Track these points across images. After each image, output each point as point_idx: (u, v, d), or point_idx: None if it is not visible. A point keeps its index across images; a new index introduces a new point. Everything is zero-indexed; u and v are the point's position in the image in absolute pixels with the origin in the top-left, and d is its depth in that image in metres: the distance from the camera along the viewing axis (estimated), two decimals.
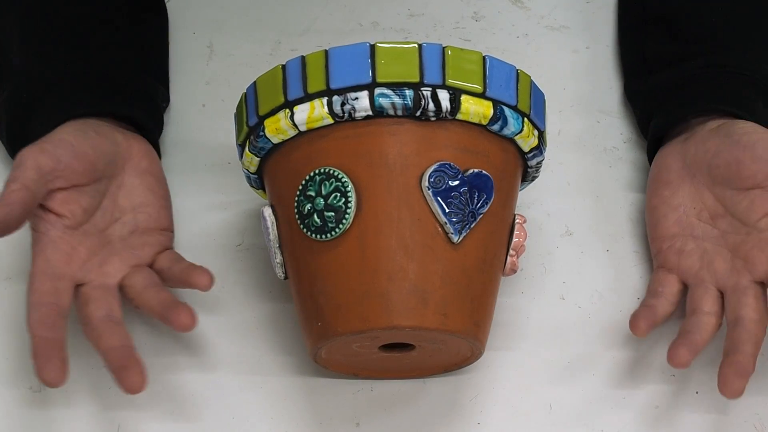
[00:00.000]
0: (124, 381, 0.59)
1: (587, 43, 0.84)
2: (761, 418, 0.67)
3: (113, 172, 0.67)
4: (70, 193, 0.64)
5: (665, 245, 0.69)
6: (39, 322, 0.60)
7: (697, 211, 0.69)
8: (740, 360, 0.61)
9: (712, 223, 0.68)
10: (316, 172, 0.61)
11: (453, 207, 0.60)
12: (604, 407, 0.67)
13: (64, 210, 0.64)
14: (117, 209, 0.67)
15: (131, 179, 0.68)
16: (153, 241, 0.68)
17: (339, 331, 0.59)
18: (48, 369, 0.58)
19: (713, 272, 0.67)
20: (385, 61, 0.60)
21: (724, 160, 0.67)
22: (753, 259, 0.65)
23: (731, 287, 0.65)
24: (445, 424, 0.66)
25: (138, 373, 0.59)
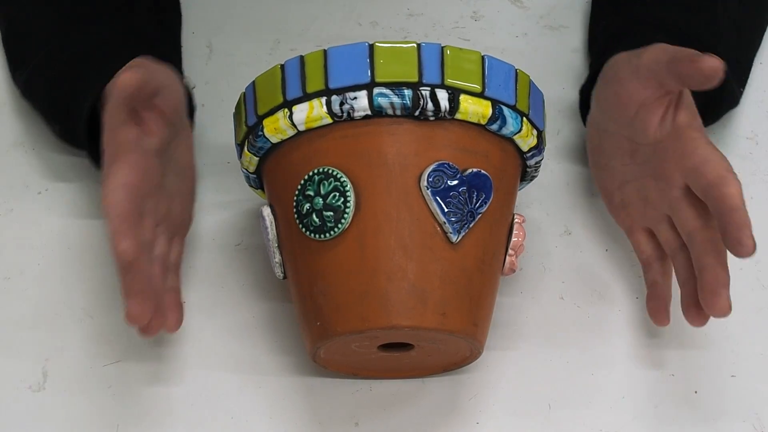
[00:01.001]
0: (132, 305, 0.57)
1: (587, 43, 0.84)
2: (761, 418, 0.67)
3: (179, 129, 0.67)
4: (161, 118, 0.64)
5: (611, 208, 0.71)
6: (128, 201, 0.58)
7: (620, 159, 0.69)
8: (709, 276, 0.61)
9: (632, 161, 0.68)
10: (315, 172, 0.61)
11: (452, 207, 0.60)
12: (604, 407, 0.67)
13: (156, 129, 0.63)
14: (170, 164, 0.67)
15: (182, 147, 0.68)
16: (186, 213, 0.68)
17: (338, 331, 0.59)
18: (130, 238, 0.56)
19: (654, 206, 0.67)
20: (384, 60, 0.60)
21: (608, 101, 0.68)
22: (667, 172, 0.65)
23: (670, 210, 0.66)
24: (445, 424, 0.66)
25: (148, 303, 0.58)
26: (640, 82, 0.65)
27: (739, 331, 0.70)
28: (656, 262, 0.69)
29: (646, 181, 0.68)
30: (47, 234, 0.73)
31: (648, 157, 0.67)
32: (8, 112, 0.79)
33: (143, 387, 0.67)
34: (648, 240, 0.69)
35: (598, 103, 0.69)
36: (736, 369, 0.68)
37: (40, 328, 0.69)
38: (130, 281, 0.58)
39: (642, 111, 0.65)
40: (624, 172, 0.69)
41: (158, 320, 0.61)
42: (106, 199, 0.58)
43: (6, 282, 0.71)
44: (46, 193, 0.75)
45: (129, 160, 0.60)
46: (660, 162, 0.66)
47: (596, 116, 0.70)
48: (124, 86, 0.60)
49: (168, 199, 0.66)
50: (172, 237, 0.67)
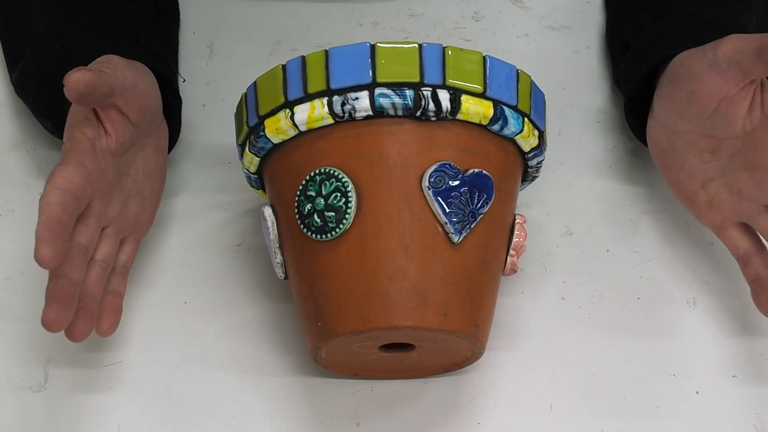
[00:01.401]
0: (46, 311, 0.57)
1: (587, 43, 0.84)
2: (761, 418, 0.67)
3: (149, 130, 0.67)
4: (122, 119, 0.63)
5: (695, 208, 0.70)
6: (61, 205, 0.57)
7: (698, 157, 0.69)
8: None
9: (714, 157, 0.68)
10: (317, 172, 0.61)
11: (453, 207, 0.60)
12: (604, 407, 0.67)
13: (113, 131, 0.63)
14: (133, 165, 0.67)
15: (150, 148, 0.68)
16: (144, 215, 0.67)
17: (339, 331, 0.59)
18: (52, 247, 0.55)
19: (750, 198, 0.67)
20: (386, 61, 0.60)
21: (680, 100, 0.67)
22: (764, 161, 0.65)
23: None
24: (445, 424, 0.66)
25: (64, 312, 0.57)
26: (720, 74, 0.64)
27: (741, 331, 0.70)
28: (756, 255, 0.68)
29: (737, 174, 0.67)
30: None
31: (736, 151, 0.66)
32: (8, 112, 0.79)
33: (144, 387, 0.67)
34: (743, 235, 0.68)
35: (667, 104, 0.68)
36: (737, 369, 0.68)
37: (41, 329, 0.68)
38: (51, 287, 0.58)
39: (724, 105, 0.65)
40: (705, 170, 0.68)
41: (86, 325, 0.60)
42: (42, 199, 0.58)
43: (7, 282, 0.71)
44: None
45: (77, 161, 0.60)
46: (753, 152, 0.65)
47: (663, 118, 0.69)
48: (72, 86, 0.58)
49: (123, 200, 0.66)
50: (124, 239, 0.67)
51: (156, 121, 0.68)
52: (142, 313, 0.69)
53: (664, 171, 0.71)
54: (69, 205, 0.58)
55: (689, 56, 0.67)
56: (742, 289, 0.71)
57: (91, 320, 0.61)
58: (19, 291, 0.71)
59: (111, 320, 0.63)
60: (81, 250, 0.61)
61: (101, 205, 0.63)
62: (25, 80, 0.72)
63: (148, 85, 0.66)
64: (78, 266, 0.60)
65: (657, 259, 0.73)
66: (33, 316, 0.69)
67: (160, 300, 0.70)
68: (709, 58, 0.64)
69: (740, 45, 0.63)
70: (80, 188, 0.59)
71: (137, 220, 0.67)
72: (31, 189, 0.75)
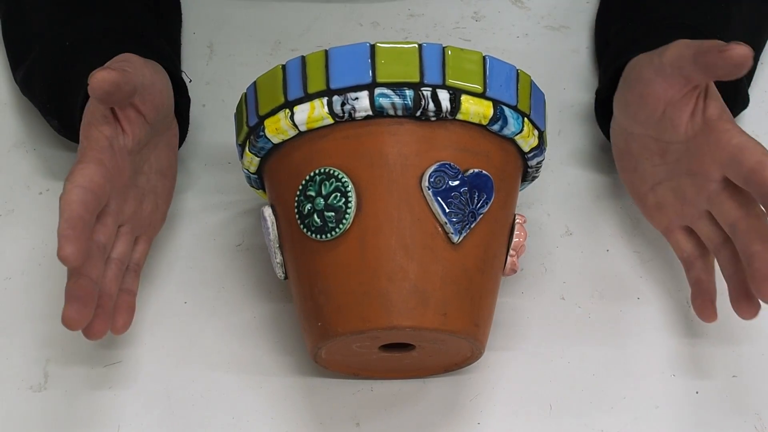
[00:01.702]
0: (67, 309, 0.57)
1: (587, 43, 0.84)
2: (761, 418, 0.67)
3: (162, 129, 0.67)
4: (139, 118, 0.63)
5: (645, 210, 0.70)
6: (82, 203, 0.57)
7: (649, 160, 0.69)
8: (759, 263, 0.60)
9: (662, 161, 0.68)
10: (316, 172, 0.61)
11: (453, 207, 0.60)
12: (604, 407, 0.67)
13: (130, 129, 0.63)
14: (147, 164, 0.67)
15: (163, 146, 0.68)
16: (157, 213, 0.68)
17: (339, 331, 0.59)
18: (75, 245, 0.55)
19: (692, 203, 0.67)
20: (385, 61, 0.60)
21: (632, 103, 0.67)
22: (703, 167, 0.65)
23: (710, 205, 0.65)
24: (445, 424, 0.66)
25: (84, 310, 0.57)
26: (665, 79, 0.64)
27: (741, 331, 0.70)
28: (698, 259, 0.68)
29: (681, 179, 0.67)
30: (48, 234, 0.73)
31: (680, 155, 0.67)
32: (9, 112, 0.79)
33: (144, 387, 0.67)
34: (687, 238, 0.69)
35: (622, 107, 0.69)
36: (737, 369, 0.68)
37: (41, 329, 0.69)
38: (72, 285, 0.58)
39: (670, 109, 0.65)
40: (655, 173, 0.69)
41: (104, 323, 0.60)
42: (63, 197, 0.58)
43: (7, 282, 0.71)
44: (47, 194, 0.75)
45: (96, 159, 0.60)
46: (694, 158, 0.65)
47: (620, 120, 0.70)
48: (96, 86, 0.58)
49: (138, 198, 0.66)
50: (138, 237, 0.67)
51: (168, 120, 0.68)
52: (142, 313, 0.69)
53: (621, 171, 0.72)
54: (90, 204, 0.58)
55: (640, 60, 0.67)
56: None
57: (107, 319, 0.61)
58: (19, 291, 0.71)
59: (125, 318, 0.64)
60: (100, 248, 0.61)
61: (118, 203, 0.63)
62: (31, 79, 0.72)
63: (164, 84, 0.66)
64: (97, 265, 0.60)
65: (657, 259, 0.73)
66: (33, 315, 0.70)
67: (160, 300, 0.70)
68: (655, 63, 0.65)
69: (681, 50, 0.63)
70: (100, 186, 0.59)
71: (151, 219, 0.68)
72: (31, 189, 0.75)
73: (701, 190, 0.65)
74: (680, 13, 0.73)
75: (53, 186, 0.75)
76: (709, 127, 0.64)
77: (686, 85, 0.64)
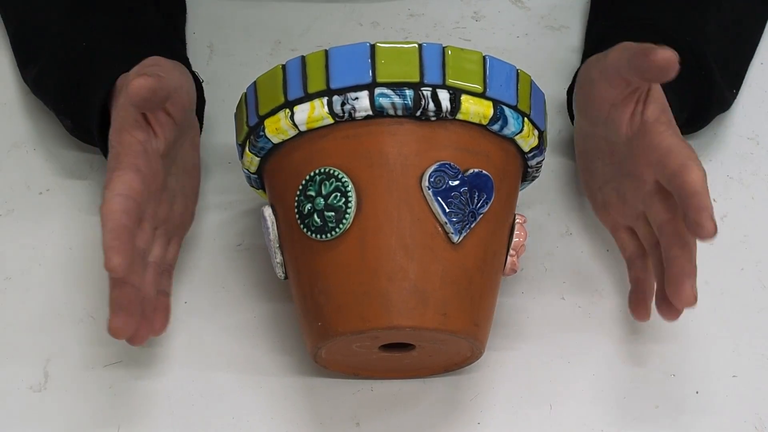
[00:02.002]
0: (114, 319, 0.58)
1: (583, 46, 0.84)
2: (761, 418, 0.67)
3: (187, 128, 0.67)
4: (168, 120, 0.63)
5: (595, 209, 0.71)
6: (124, 212, 0.58)
7: (601, 160, 0.69)
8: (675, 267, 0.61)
9: (610, 161, 0.68)
10: (316, 172, 0.61)
11: (453, 207, 0.60)
12: (604, 407, 0.67)
13: (161, 132, 0.63)
14: (175, 164, 0.67)
15: (188, 145, 0.68)
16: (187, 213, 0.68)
17: (339, 331, 0.59)
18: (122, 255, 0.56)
19: (630, 204, 0.67)
20: (386, 61, 0.60)
21: (582, 102, 0.68)
22: (638, 169, 0.65)
23: (644, 207, 0.66)
24: (446, 424, 0.66)
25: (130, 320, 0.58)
26: (608, 81, 0.64)
27: (741, 331, 0.70)
28: (638, 259, 0.68)
29: (622, 179, 0.68)
30: (48, 234, 0.73)
31: (622, 156, 0.67)
32: (9, 112, 0.79)
33: (144, 387, 0.67)
34: (630, 238, 0.69)
35: (577, 107, 0.70)
36: (737, 369, 0.68)
37: (41, 328, 0.69)
38: (117, 295, 0.58)
39: (612, 110, 0.65)
40: (604, 173, 0.69)
41: (147, 328, 0.61)
42: (105, 206, 0.58)
43: (7, 282, 0.71)
44: (48, 194, 0.75)
45: (133, 166, 0.60)
46: (632, 159, 0.66)
47: (578, 119, 0.71)
48: (135, 93, 0.59)
49: (170, 200, 0.66)
50: (171, 238, 0.67)
51: (192, 119, 0.68)
52: None
53: (580, 170, 0.72)
54: (132, 212, 0.58)
55: (591, 61, 0.67)
56: (741, 289, 0.71)
57: (149, 323, 0.62)
58: (19, 291, 0.71)
59: (163, 319, 0.65)
60: (140, 255, 0.62)
61: (153, 207, 0.64)
62: (44, 79, 0.72)
63: (189, 85, 0.67)
64: (139, 272, 0.61)
65: None
66: (33, 315, 0.69)
67: None
68: (600, 65, 0.65)
69: (621, 53, 0.63)
70: (140, 193, 0.59)
71: (182, 219, 0.68)
72: (31, 189, 0.75)
73: (637, 191, 0.66)
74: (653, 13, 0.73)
75: (53, 186, 0.75)
76: (645, 129, 0.64)
77: (627, 87, 0.64)
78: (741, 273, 0.72)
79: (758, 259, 0.73)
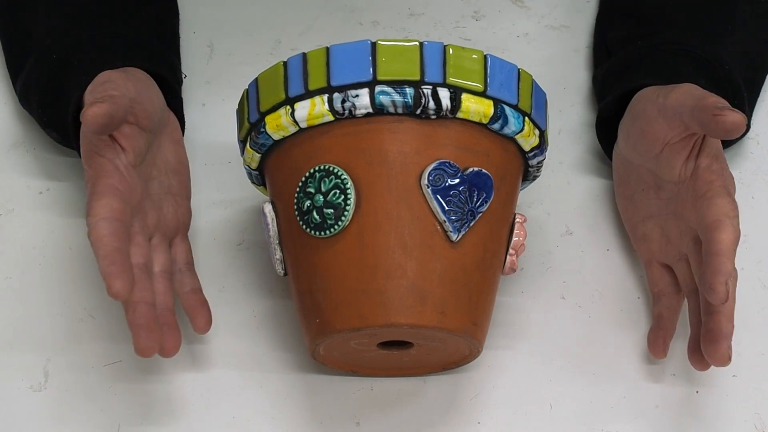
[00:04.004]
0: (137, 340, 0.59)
1: (587, 43, 0.84)
2: (761, 418, 0.67)
3: (159, 129, 0.67)
4: (134, 130, 0.63)
5: (634, 240, 0.71)
6: (113, 235, 0.58)
7: (645, 192, 0.69)
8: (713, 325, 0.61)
9: (656, 195, 0.69)
10: (316, 169, 0.61)
11: (452, 205, 0.60)
12: (604, 407, 0.67)
13: (128, 145, 0.63)
14: (155, 167, 0.67)
15: (167, 144, 0.68)
16: (181, 211, 0.68)
17: (337, 328, 0.59)
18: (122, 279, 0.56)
19: (674, 244, 0.67)
20: (386, 58, 0.60)
21: (633, 135, 0.68)
22: (686, 212, 0.65)
23: (688, 250, 0.66)
24: (446, 424, 0.66)
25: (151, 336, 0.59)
26: (666, 121, 0.65)
27: (741, 331, 0.69)
28: (666, 296, 0.69)
29: (669, 218, 0.68)
30: (48, 234, 0.73)
31: (672, 195, 0.67)
32: (9, 112, 0.78)
33: (144, 386, 0.67)
34: (663, 275, 0.69)
35: (625, 137, 0.70)
36: (737, 369, 0.68)
37: (41, 328, 0.69)
38: (132, 316, 0.59)
39: (668, 150, 0.66)
40: (649, 206, 0.69)
41: (174, 338, 0.62)
42: (92, 233, 0.58)
43: (7, 281, 0.71)
44: (47, 193, 0.75)
45: (108, 186, 0.60)
46: (681, 202, 0.66)
47: (623, 148, 0.71)
48: (91, 122, 0.59)
49: (156, 206, 0.66)
50: (172, 240, 0.67)
51: (164, 118, 0.68)
52: None
53: (618, 197, 0.73)
54: (119, 232, 0.59)
55: (646, 95, 0.68)
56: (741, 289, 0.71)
57: (175, 331, 0.62)
58: (19, 291, 0.71)
59: (205, 315, 0.66)
60: (142, 270, 0.62)
61: (140, 219, 0.64)
62: (28, 92, 0.72)
63: (150, 89, 0.66)
64: (147, 287, 0.61)
65: None
66: (33, 315, 0.69)
67: None
68: (659, 103, 0.65)
69: (684, 98, 0.64)
70: (122, 212, 0.60)
71: (176, 219, 0.68)
72: (31, 189, 0.75)
73: (684, 234, 0.66)
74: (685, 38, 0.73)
75: (53, 186, 0.75)
76: (696, 175, 0.64)
77: (685, 131, 0.64)
78: (741, 273, 0.72)
79: (758, 259, 0.73)
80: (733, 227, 0.61)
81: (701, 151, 0.65)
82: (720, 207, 0.62)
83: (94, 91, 0.63)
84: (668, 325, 0.68)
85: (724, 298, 0.59)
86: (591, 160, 0.77)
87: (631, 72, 0.72)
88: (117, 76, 0.64)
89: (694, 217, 0.64)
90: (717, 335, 0.61)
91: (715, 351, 0.61)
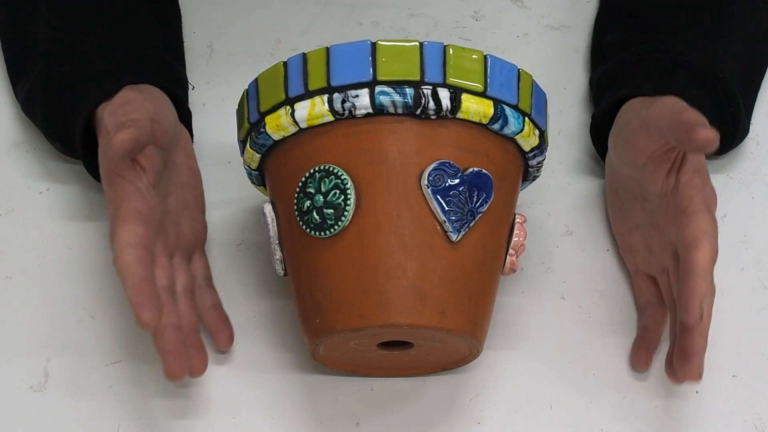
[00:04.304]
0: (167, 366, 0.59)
1: (587, 43, 0.84)
2: (761, 418, 0.67)
3: (173, 145, 0.67)
4: (152, 150, 0.63)
5: (621, 249, 0.71)
6: (139, 263, 0.58)
7: (632, 203, 0.70)
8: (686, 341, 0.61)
9: (642, 207, 0.69)
10: (316, 170, 0.61)
11: (452, 206, 0.60)
12: (604, 407, 0.67)
13: (148, 165, 0.63)
14: (171, 183, 0.67)
15: (180, 158, 0.68)
16: (197, 226, 0.68)
17: (337, 329, 0.59)
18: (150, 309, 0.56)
19: (656, 256, 0.68)
20: (386, 59, 0.60)
21: (620, 146, 0.68)
22: (666, 226, 0.65)
23: (668, 263, 0.66)
24: (446, 424, 0.66)
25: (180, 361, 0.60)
26: (647, 134, 0.65)
27: (741, 330, 0.70)
28: (651, 308, 0.69)
29: (651, 230, 0.68)
30: (48, 234, 0.73)
31: (655, 207, 0.67)
32: (9, 113, 0.78)
33: (144, 387, 0.67)
34: (648, 286, 0.69)
35: (614, 146, 0.70)
36: (737, 369, 0.68)
37: (41, 328, 0.69)
38: (160, 342, 0.60)
39: (650, 162, 0.65)
40: (635, 217, 0.69)
41: (201, 358, 0.63)
42: (118, 260, 0.58)
43: (7, 282, 0.71)
44: (48, 194, 0.75)
45: (132, 211, 0.60)
46: (663, 215, 0.66)
47: (612, 157, 0.71)
48: (119, 149, 0.58)
49: (175, 223, 0.67)
50: (191, 256, 0.68)
51: (177, 133, 0.68)
52: None
53: (609, 206, 0.73)
54: (145, 259, 0.58)
55: (632, 107, 0.68)
56: (740, 289, 0.71)
57: (202, 352, 0.63)
58: (19, 291, 0.71)
59: (227, 331, 0.67)
60: (167, 292, 0.62)
61: (162, 239, 0.64)
62: (32, 104, 0.72)
63: (165, 107, 0.66)
64: (172, 310, 0.61)
65: None
66: (33, 315, 0.69)
67: None
68: (642, 115, 0.65)
69: (663, 112, 0.63)
70: (147, 237, 0.60)
71: (194, 235, 0.68)
72: (31, 189, 0.75)
73: (664, 247, 0.66)
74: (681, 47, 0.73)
75: (53, 186, 0.75)
76: (677, 190, 0.64)
77: (666, 144, 0.64)
78: (741, 273, 0.72)
79: (758, 259, 0.73)
80: (711, 245, 0.61)
81: (683, 165, 0.64)
82: (698, 224, 0.61)
83: (116, 113, 0.62)
84: (652, 337, 0.68)
85: (698, 319, 0.59)
86: (591, 160, 0.77)
87: (625, 78, 0.72)
88: (136, 97, 0.64)
89: (673, 233, 0.64)
90: (689, 352, 0.61)
91: (686, 368, 0.61)
